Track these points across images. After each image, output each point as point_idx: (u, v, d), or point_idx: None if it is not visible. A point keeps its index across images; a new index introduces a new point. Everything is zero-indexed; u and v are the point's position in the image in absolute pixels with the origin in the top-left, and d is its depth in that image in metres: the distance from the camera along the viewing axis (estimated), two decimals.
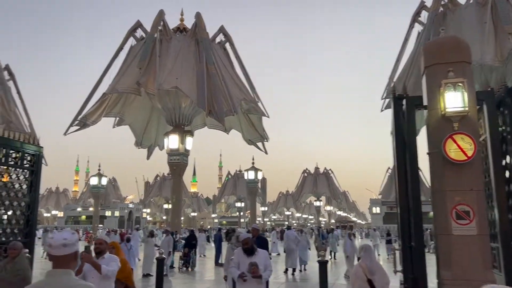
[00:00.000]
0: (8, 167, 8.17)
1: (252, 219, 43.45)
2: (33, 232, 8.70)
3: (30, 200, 8.64)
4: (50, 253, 2.41)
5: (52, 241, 2.41)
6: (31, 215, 8.65)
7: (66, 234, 2.47)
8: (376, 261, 5.64)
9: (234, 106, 21.01)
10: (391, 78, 26.41)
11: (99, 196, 54.31)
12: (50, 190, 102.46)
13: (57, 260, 2.39)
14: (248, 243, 5.91)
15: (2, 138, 7.98)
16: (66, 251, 2.39)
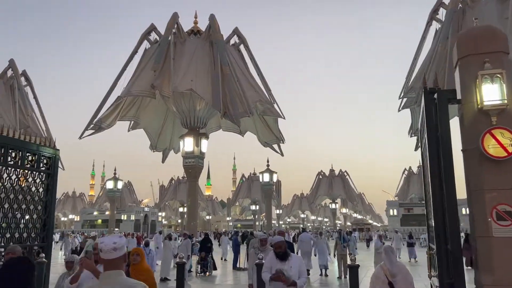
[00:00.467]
0: (24, 170, 8.05)
1: (268, 222, 43.11)
2: (49, 236, 8.57)
3: (46, 203, 8.52)
4: (101, 257, 2.56)
5: (103, 245, 2.55)
6: (48, 218, 8.52)
7: (115, 238, 2.61)
8: (397, 262, 5.45)
9: (250, 108, 20.76)
10: (409, 77, 25.96)
11: (114, 200, 54.59)
12: (67, 194, 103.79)
13: (109, 263, 2.55)
14: (281, 247, 5.59)
15: (18, 140, 7.86)
16: (117, 255, 2.55)
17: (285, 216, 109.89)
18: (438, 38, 23.17)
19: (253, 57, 25.32)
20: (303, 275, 5.51)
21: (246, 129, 27.86)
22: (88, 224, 76.48)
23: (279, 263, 5.44)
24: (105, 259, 2.56)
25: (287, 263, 5.45)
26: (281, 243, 5.63)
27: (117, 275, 2.54)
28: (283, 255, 5.53)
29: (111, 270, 2.55)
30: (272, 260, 5.58)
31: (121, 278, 2.55)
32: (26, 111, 33.80)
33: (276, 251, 5.60)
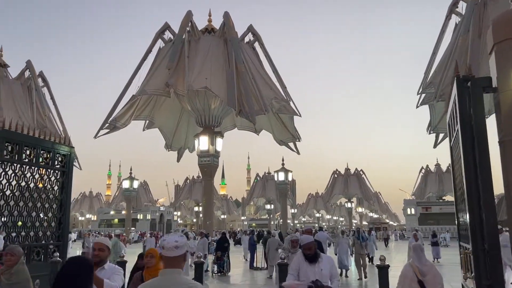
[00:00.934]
0: (39, 168, 7.94)
1: (284, 221, 42.79)
2: (65, 235, 8.45)
3: (61, 201, 8.39)
4: (163, 254, 2.66)
5: (165, 243, 2.66)
6: (63, 217, 8.40)
7: (177, 237, 2.72)
8: (427, 261, 5.24)
9: (265, 105, 20.48)
10: (427, 73, 25.40)
11: (131, 199, 54.96)
12: (84, 194, 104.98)
13: (169, 261, 2.65)
14: (311, 249, 5.07)
15: (32, 138, 7.74)
16: (178, 253, 2.65)
17: (300, 215, 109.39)
18: (458, 31, 22.57)
19: (268, 54, 25.04)
20: (336, 278, 5.05)
21: (261, 127, 27.60)
22: (105, 224, 77.16)
23: (308, 266, 4.95)
24: (166, 257, 2.67)
25: (317, 265, 4.96)
26: (311, 244, 5.09)
27: (175, 273, 2.64)
28: (313, 257, 5.03)
29: (171, 268, 2.65)
30: (301, 262, 5.07)
31: (179, 276, 2.65)
32: (44, 111, 34.17)
33: (306, 253, 5.07)
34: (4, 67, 33.43)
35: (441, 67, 22.99)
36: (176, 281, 2.60)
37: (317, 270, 4.87)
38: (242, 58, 22.32)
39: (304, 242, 5.17)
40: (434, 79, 23.63)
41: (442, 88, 22.02)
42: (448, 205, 56.05)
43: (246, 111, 20.28)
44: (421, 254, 5.17)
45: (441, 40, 24.85)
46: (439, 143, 30.62)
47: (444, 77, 21.96)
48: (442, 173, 72.55)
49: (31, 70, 33.39)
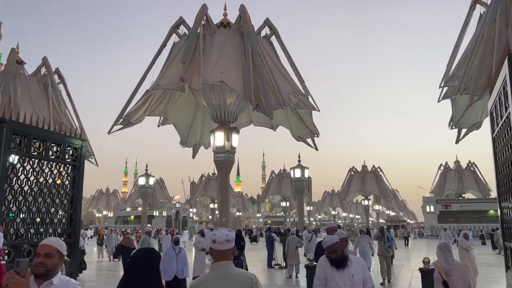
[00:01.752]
0: (49, 162, 7.58)
1: (300, 218, 42.25)
2: (76, 231, 8.10)
3: (73, 197, 8.04)
4: (214, 248, 2.79)
5: (216, 237, 2.80)
6: (74, 213, 8.05)
7: (227, 232, 2.88)
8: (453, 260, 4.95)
9: (283, 99, 19.88)
10: (450, 65, 24.46)
11: (146, 196, 55.11)
12: (101, 191, 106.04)
13: (220, 254, 2.79)
14: (337, 251, 4.23)
15: (41, 130, 7.39)
16: (228, 246, 2.80)
17: (316, 212, 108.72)
18: (484, 21, 21.59)
19: (285, 48, 24.37)
20: (369, 284, 4.27)
21: (278, 123, 27.02)
22: (121, 220, 77.74)
23: (336, 272, 4.14)
24: (217, 250, 2.80)
25: (346, 271, 4.15)
26: (336, 246, 4.26)
27: (227, 265, 2.80)
28: (341, 261, 4.20)
29: (223, 260, 2.79)
30: (326, 269, 4.21)
31: (231, 268, 2.81)
32: (60, 108, 34.24)
33: (331, 257, 4.23)
34: (21, 64, 33.57)
35: (465, 59, 22.04)
36: (232, 272, 2.78)
37: (347, 277, 4.11)
38: (258, 51, 21.75)
39: (328, 243, 4.31)
40: (457, 72, 22.69)
41: (466, 81, 21.12)
42: (469, 203, 54.78)
43: (263, 105, 19.71)
44: (448, 253, 4.95)
45: (464, 32, 23.87)
46: (462, 138, 29.64)
47: (468, 69, 21.05)
48: (461, 170, 71.00)
49: (47, 66, 33.43)
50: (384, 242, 13.45)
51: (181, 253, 9.42)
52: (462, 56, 22.84)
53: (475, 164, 70.49)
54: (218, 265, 2.80)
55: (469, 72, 20.69)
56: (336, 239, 4.40)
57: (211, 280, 2.79)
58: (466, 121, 28.14)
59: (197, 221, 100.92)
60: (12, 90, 29.23)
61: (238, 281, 2.74)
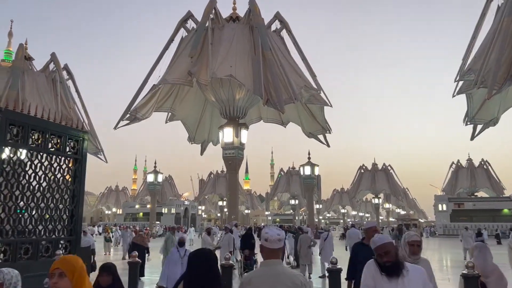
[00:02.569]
0: (48, 154, 7.16)
1: (310, 216, 41.69)
2: (78, 228, 7.66)
3: (74, 192, 7.61)
4: (266, 246, 2.84)
5: (268, 236, 2.83)
6: (76, 209, 7.61)
7: (278, 231, 2.89)
8: (491, 261, 4.69)
9: (295, 94, 19.34)
10: (465, 59, 23.71)
11: (155, 193, 54.90)
12: (110, 188, 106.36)
13: (271, 252, 2.83)
14: (390, 254, 3.22)
15: (39, 120, 6.95)
16: (279, 245, 2.84)
17: (325, 211, 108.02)
18: (502, 13, 20.83)
19: (296, 42, 23.82)
20: None
21: (289, 119, 26.54)
22: (130, 217, 77.73)
23: (387, 283, 3.15)
24: (268, 248, 2.83)
25: (400, 281, 3.12)
26: (389, 246, 3.25)
27: (277, 263, 2.84)
28: (394, 267, 3.17)
29: (273, 258, 2.83)
30: (375, 277, 3.25)
31: (281, 266, 2.87)
32: (68, 104, 34.03)
33: (383, 262, 3.22)
34: (29, 60, 33.44)
35: (482, 52, 21.32)
36: (281, 270, 2.80)
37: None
38: (269, 45, 21.25)
39: (377, 243, 3.32)
40: (473, 65, 21.96)
41: (483, 74, 20.40)
42: (482, 201, 53.69)
43: (274, 100, 19.20)
44: (489, 254, 4.69)
45: (481, 24, 23.13)
46: (477, 135, 28.86)
47: (486, 62, 20.33)
48: (474, 168, 69.83)
49: (56, 62, 33.25)
50: None
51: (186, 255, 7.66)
52: (479, 49, 22.11)
53: (488, 162, 69.28)
54: (268, 262, 2.86)
55: (486, 65, 19.99)
56: (389, 238, 3.42)
57: (261, 277, 2.82)
58: (482, 117, 27.34)
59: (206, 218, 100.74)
60: (20, 86, 29.04)
61: (288, 279, 2.76)
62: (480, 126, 28.03)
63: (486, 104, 26.56)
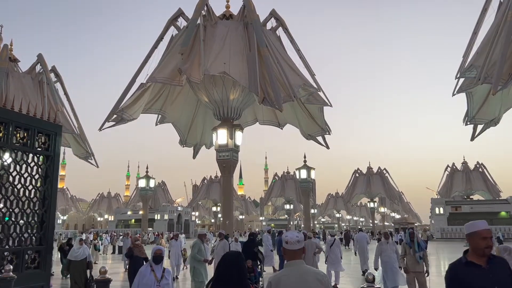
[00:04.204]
0: (12, 150, 6.11)
1: (306, 221, 40.70)
2: (49, 236, 6.60)
3: (44, 194, 6.57)
4: (287, 248, 3.12)
5: (288, 239, 3.12)
6: (46, 214, 6.56)
7: (296, 233, 3.21)
8: None
9: (293, 91, 18.36)
10: (466, 55, 23.00)
11: (147, 198, 53.67)
12: (102, 195, 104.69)
13: (292, 253, 3.10)
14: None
15: (1, 109, 5.92)
16: (299, 246, 3.11)
17: (320, 215, 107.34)
18: (506, 6, 20.12)
19: (293, 39, 22.85)
20: None
21: (286, 121, 25.56)
22: (122, 224, 76.29)
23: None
24: (289, 250, 3.10)
25: None
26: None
27: (299, 263, 3.09)
28: None
29: (294, 259, 3.09)
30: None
31: (304, 265, 3.12)
32: (56, 106, 32.82)
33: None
34: (14, 61, 32.21)
35: (485, 47, 20.59)
36: (305, 269, 3.05)
37: None
38: (265, 41, 20.29)
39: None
40: (475, 61, 21.21)
41: (487, 70, 19.63)
42: (480, 204, 53.15)
43: (271, 98, 18.19)
44: None
45: (482, 20, 22.45)
46: (477, 135, 28.12)
47: (489, 57, 19.56)
48: (469, 171, 69.55)
49: (43, 64, 32.09)
50: (414, 251, 9.23)
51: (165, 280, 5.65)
52: (481, 45, 21.39)
53: (484, 165, 68.96)
54: (291, 263, 3.06)
55: (490, 60, 19.24)
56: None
57: (289, 275, 2.99)
58: (482, 116, 26.59)
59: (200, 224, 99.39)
60: (4, 88, 27.80)
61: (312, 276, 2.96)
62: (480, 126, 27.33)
63: (487, 103, 25.83)
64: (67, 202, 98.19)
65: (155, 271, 5.69)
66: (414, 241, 9.39)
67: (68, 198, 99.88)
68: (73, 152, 35.15)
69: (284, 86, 18.84)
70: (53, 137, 6.79)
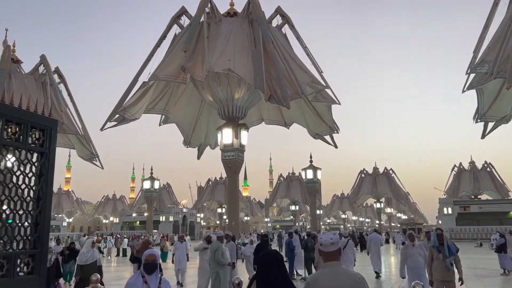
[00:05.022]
0: (4, 146, 5.67)
1: (313, 221, 40.14)
2: (44, 239, 6.14)
3: (39, 193, 6.11)
4: (322, 250, 3.14)
5: (322, 241, 3.16)
6: (41, 215, 6.10)
7: (331, 235, 3.22)
8: None
9: (301, 88, 17.84)
10: (477, 51, 22.47)
11: (152, 200, 53.33)
12: (107, 197, 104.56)
13: (328, 255, 3.14)
14: None
15: None
16: (334, 248, 3.13)
17: (325, 216, 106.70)
18: None
19: (300, 36, 22.36)
20: None
21: (292, 120, 25.09)
22: (127, 226, 76.01)
23: None
24: (324, 252, 3.13)
25: None
26: None
27: (336, 265, 3.10)
28: None
29: (331, 261, 3.11)
30: None
31: (340, 267, 3.14)
32: (60, 107, 32.52)
33: None
34: (17, 62, 31.99)
35: (496, 42, 20.05)
36: (342, 270, 3.09)
37: None
38: (270, 38, 19.82)
39: None
40: (487, 56, 20.69)
41: (499, 64, 19.08)
42: (489, 204, 52.20)
43: (278, 95, 17.68)
44: None
45: (493, 15, 21.91)
46: (488, 133, 27.52)
47: (502, 51, 19.01)
48: (477, 170, 68.72)
49: (46, 64, 31.86)
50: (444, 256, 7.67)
51: None
52: (493, 39, 20.86)
53: (492, 164, 68.10)
54: (327, 265, 3.12)
55: (503, 54, 18.70)
56: None
57: (326, 275, 3.08)
58: (493, 114, 26.00)
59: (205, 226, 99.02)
60: (7, 88, 27.52)
61: (348, 278, 3.05)
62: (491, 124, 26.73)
63: (498, 100, 25.24)
64: (73, 204, 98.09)
65: (149, 282, 4.32)
66: (443, 244, 7.82)
67: (74, 200, 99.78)
68: (78, 153, 34.86)
69: (292, 83, 18.36)
70: (48, 133, 6.32)
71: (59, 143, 35.65)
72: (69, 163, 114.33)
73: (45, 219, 6.16)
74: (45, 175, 6.22)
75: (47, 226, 6.25)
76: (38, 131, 6.17)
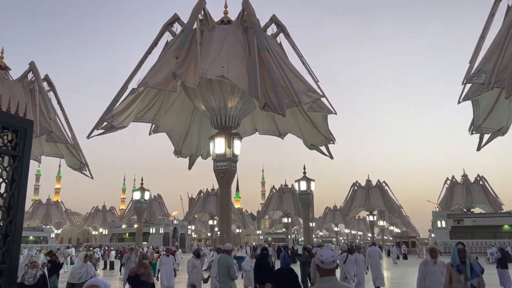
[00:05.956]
0: None
1: (306, 234, 39.45)
2: (14, 252, 5.52)
3: (9, 201, 5.51)
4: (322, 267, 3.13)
5: (324, 258, 3.13)
6: (11, 225, 5.49)
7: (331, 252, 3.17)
8: None
9: (297, 96, 17.38)
10: (473, 61, 22.26)
11: (142, 211, 52.34)
12: (97, 208, 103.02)
13: (327, 271, 3.13)
14: None
15: None
16: (334, 265, 3.14)
17: (317, 229, 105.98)
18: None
19: (295, 45, 22.01)
20: None
21: (287, 130, 24.60)
22: (117, 238, 74.56)
23: None
24: (324, 268, 3.14)
25: None
26: None
27: (334, 279, 3.14)
28: None
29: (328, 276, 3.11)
30: None
31: (338, 282, 3.17)
32: (49, 115, 31.74)
33: None
34: (5, 69, 31.29)
35: (494, 51, 19.85)
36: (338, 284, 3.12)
37: None
38: (265, 45, 19.42)
39: None
40: (484, 66, 20.47)
41: (497, 74, 18.82)
42: (482, 218, 51.94)
43: (274, 103, 17.18)
44: None
45: (490, 24, 21.77)
46: (484, 145, 27.22)
47: (500, 60, 18.77)
48: (470, 184, 68.70)
49: (35, 72, 31.17)
50: (465, 278, 6.32)
51: None
52: (489, 50, 20.66)
53: (484, 178, 68.17)
54: (325, 279, 3.12)
55: (501, 64, 18.45)
56: None
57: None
58: (489, 125, 25.75)
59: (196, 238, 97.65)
60: None
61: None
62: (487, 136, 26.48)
63: (494, 111, 25.02)
64: (62, 215, 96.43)
65: None
66: (465, 263, 6.41)
67: (63, 211, 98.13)
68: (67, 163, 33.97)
69: (288, 92, 17.91)
70: (22, 134, 5.72)
71: (48, 152, 34.79)
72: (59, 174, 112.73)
73: (16, 230, 5.52)
74: (17, 181, 5.60)
75: (18, 239, 5.58)
76: (10, 132, 5.56)
